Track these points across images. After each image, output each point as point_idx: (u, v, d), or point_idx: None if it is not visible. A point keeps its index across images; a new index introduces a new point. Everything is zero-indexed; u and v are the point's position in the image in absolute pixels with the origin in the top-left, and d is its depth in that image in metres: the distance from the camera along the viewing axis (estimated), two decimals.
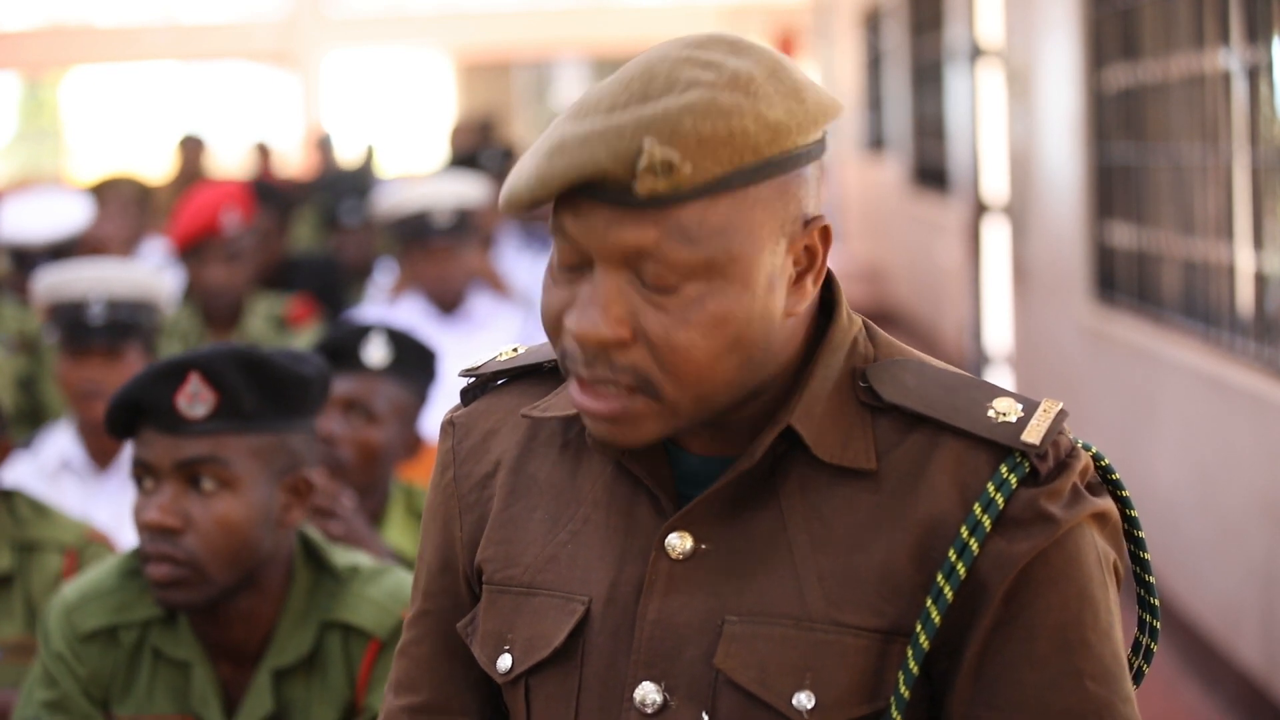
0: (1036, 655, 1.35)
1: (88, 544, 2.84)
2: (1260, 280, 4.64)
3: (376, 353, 3.12)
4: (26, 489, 3.01)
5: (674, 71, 1.32)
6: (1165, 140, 5.48)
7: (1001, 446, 1.37)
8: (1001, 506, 1.35)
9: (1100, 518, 1.39)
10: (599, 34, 18.45)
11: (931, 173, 10.91)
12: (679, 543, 1.40)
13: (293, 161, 14.96)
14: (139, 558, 2.27)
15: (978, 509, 1.35)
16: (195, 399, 2.22)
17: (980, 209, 8.02)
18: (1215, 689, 4.81)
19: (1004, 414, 1.38)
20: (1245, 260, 4.73)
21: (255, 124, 17.35)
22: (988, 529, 1.35)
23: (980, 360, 8.02)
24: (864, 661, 1.36)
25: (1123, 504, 1.44)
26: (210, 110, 19.67)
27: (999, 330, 7.95)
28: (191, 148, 10.08)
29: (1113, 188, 6.10)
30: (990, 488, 1.36)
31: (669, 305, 1.32)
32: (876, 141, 13.81)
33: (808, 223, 1.36)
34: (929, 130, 11.02)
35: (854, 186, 15.07)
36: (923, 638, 1.35)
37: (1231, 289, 4.85)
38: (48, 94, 21.66)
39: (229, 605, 2.25)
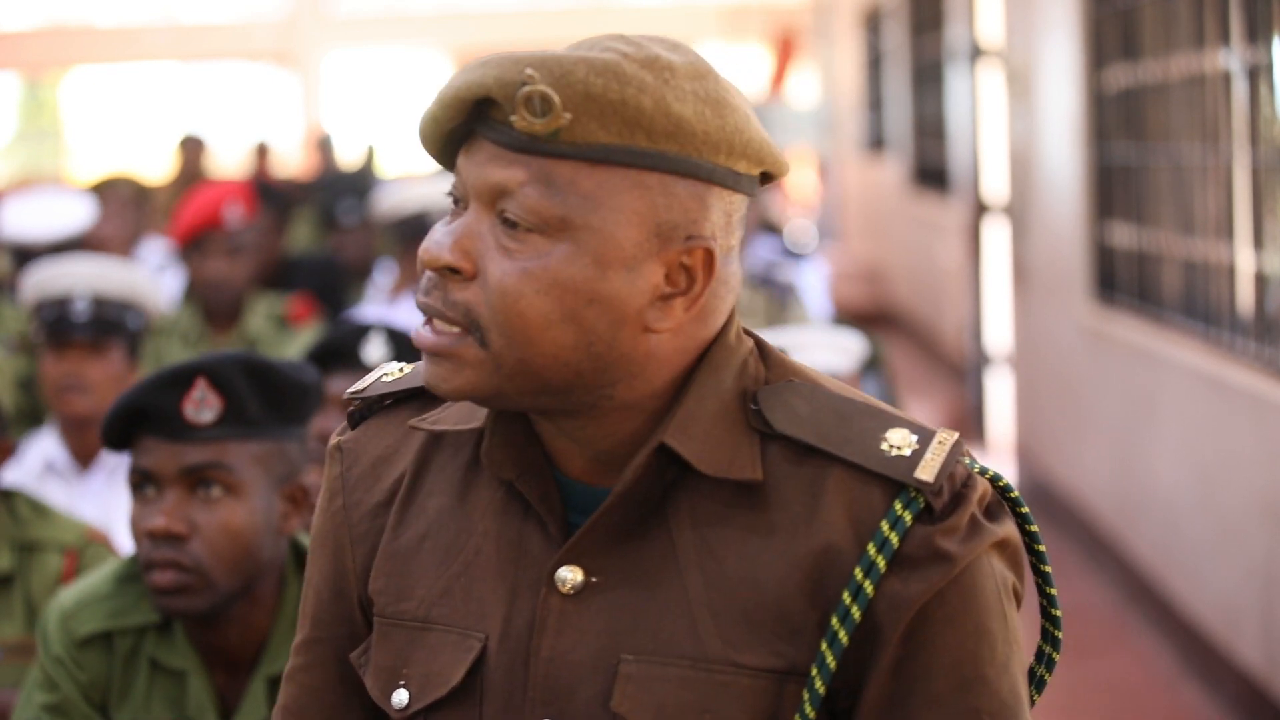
0: (933, 694, 1.32)
1: (88, 544, 2.83)
2: (1260, 280, 4.64)
3: (376, 352, 3.12)
4: (26, 489, 3.01)
5: (601, 40, 1.34)
6: (1165, 140, 5.48)
7: (895, 481, 1.34)
8: (896, 546, 1.32)
9: (1000, 543, 1.35)
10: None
11: (931, 173, 10.90)
12: (570, 576, 1.37)
13: (293, 161, 14.96)
14: (140, 566, 2.27)
15: (872, 549, 1.32)
16: (202, 404, 2.22)
17: (980, 209, 8.02)
18: (1215, 689, 4.81)
19: (898, 447, 1.35)
20: (1245, 260, 4.73)
21: (255, 124, 17.34)
22: (882, 570, 1.32)
23: (980, 360, 8.02)
24: (762, 702, 1.33)
25: (1023, 520, 1.40)
26: (210, 110, 19.65)
27: (999, 330, 7.95)
28: (191, 148, 10.09)
29: (1113, 188, 6.09)
30: (884, 526, 1.33)
31: (515, 254, 1.31)
32: (876, 141, 13.81)
33: (690, 239, 1.33)
34: (929, 130, 11.02)
35: (854, 186, 15.06)
36: (818, 682, 1.32)
37: (1231, 289, 4.85)
38: (48, 94, 21.64)
39: (225, 614, 2.25)
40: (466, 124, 1.34)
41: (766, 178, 1.39)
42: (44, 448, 3.77)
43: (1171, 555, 5.23)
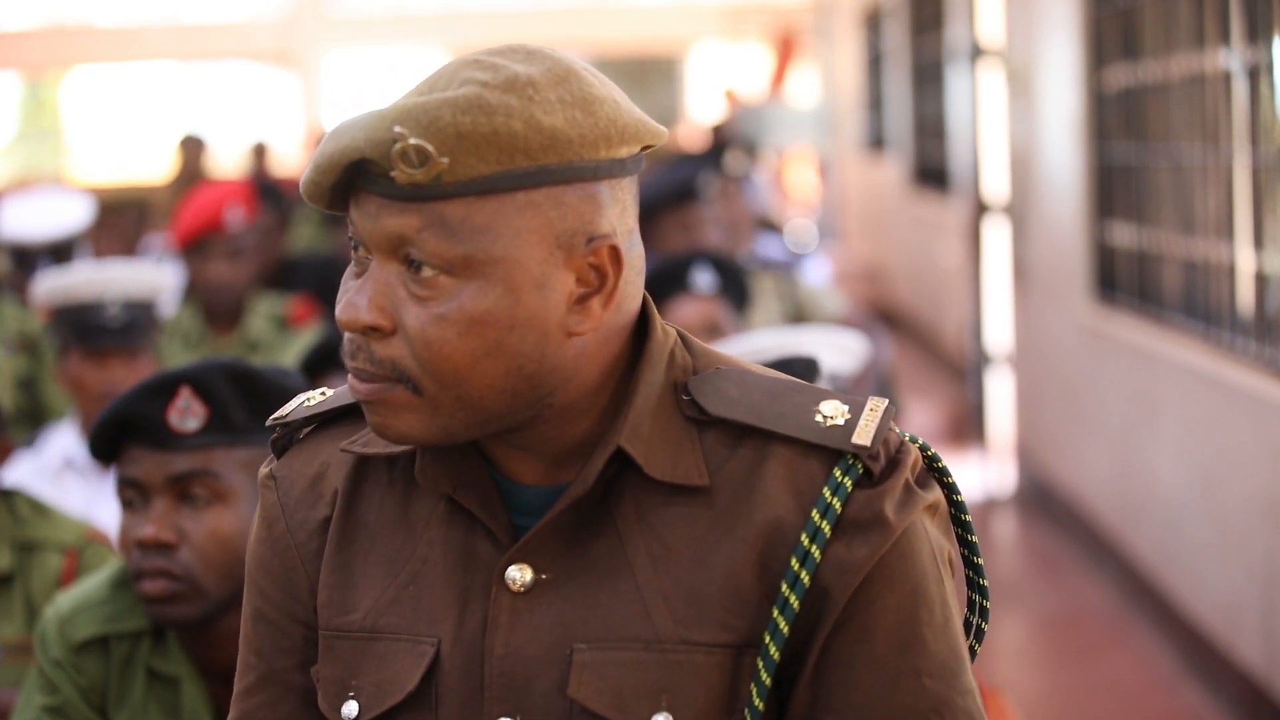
0: (874, 656, 1.36)
1: (88, 544, 2.83)
2: (1260, 280, 4.64)
3: None
4: (27, 488, 3.01)
5: (458, 72, 1.35)
6: (1166, 140, 5.48)
7: (833, 450, 1.37)
8: (839, 510, 1.35)
9: (931, 509, 1.39)
10: (599, 34, 18.44)
11: (931, 173, 10.91)
12: (519, 575, 1.39)
13: (293, 161, 14.96)
14: (130, 575, 2.28)
15: (816, 515, 1.35)
16: (186, 413, 2.23)
17: (980, 209, 8.02)
18: (1216, 689, 4.81)
19: (831, 417, 1.38)
20: (1245, 260, 4.73)
21: (255, 124, 17.34)
22: (828, 535, 1.35)
23: (980, 360, 8.02)
24: (718, 677, 1.36)
25: (949, 490, 1.43)
26: (210, 110, 19.66)
27: (999, 330, 7.94)
28: (192, 148, 10.10)
29: (1113, 188, 6.09)
30: (826, 492, 1.36)
31: (428, 300, 1.33)
32: (877, 141, 13.81)
33: (592, 240, 1.35)
34: (929, 130, 11.02)
35: (854, 186, 15.07)
36: (772, 648, 1.35)
37: (1232, 289, 4.85)
38: (48, 94, 21.64)
39: (217, 621, 2.25)
40: (348, 179, 1.36)
41: (647, 146, 1.43)
42: (64, 444, 3.77)
43: (1172, 555, 5.23)
